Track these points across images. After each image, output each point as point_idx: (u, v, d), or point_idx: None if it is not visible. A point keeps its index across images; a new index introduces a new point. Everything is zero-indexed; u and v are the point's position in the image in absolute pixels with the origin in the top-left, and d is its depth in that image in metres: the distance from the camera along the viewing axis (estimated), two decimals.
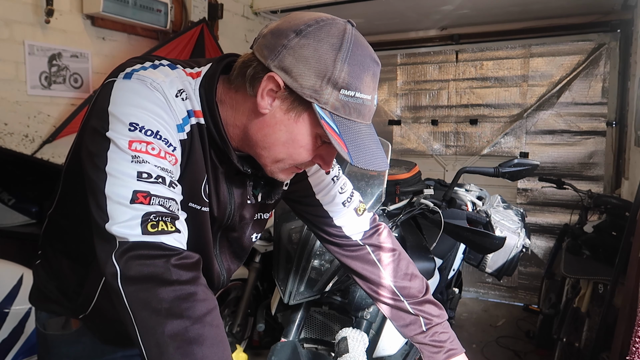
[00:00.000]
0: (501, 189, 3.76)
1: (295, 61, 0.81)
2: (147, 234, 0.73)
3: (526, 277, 4.26)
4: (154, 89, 0.81)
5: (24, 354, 1.94)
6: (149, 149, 0.77)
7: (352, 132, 0.84)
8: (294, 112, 0.84)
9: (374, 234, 1.25)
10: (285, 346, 1.41)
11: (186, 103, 0.85)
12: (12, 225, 2.84)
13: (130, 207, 0.74)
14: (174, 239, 0.76)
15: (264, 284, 3.06)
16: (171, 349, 0.70)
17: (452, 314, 2.41)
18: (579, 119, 4.03)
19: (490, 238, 1.66)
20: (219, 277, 1.08)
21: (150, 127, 0.79)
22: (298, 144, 0.87)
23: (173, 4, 3.13)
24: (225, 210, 0.99)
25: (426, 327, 1.19)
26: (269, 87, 0.83)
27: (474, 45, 4.38)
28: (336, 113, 0.83)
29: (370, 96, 0.86)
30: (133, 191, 0.74)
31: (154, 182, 0.76)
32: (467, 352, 1.21)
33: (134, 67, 0.84)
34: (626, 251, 1.88)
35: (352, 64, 0.82)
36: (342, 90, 0.82)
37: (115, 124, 0.77)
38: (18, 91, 2.44)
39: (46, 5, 2.45)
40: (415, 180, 2.17)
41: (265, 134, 0.87)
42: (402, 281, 1.21)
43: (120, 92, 0.80)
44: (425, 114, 4.63)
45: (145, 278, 0.72)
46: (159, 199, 0.76)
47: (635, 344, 1.32)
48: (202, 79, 0.89)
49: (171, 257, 0.73)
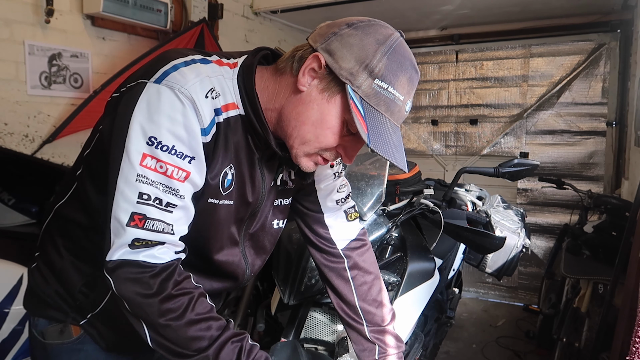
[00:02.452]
0: (501, 189, 3.76)
1: (341, 46, 0.88)
2: (132, 248, 0.83)
3: (526, 277, 4.26)
4: (182, 95, 0.84)
5: (23, 354, 1.94)
6: (157, 166, 0.84)
7: (377, 121, 0.89)
8: (329, 92, 0.90)
9: (357, 248, 1.26)
10: (285, 346, 1.41)
11: (215, 102, 0.88)
12: (12, 225, 2.83)
13: (125, 230, 0.83)
14: (152, 253, 0.85)
15: (264, 284, 3.05)
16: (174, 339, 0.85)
17: (452, 314, 2.41)
18: (579, 119, 4.03)
19: (490, 238, 1.66)
20: (243, 272, 1.11)
21: (167, 143, 0.84)
22: (326, 124, 0.91)
23: (173, 4, 3.13)
24: (259, 195, 1.03)
25: (379, 356, 1.22)
26: (311, 65, 0.89)
27: (474, 45, 4.39)
28: (366, 100, 0.88)
29: (404, 98, 0.91)
30: (131, 213, 0.83)
31: (151, 204, 0.84)
32: (467, 352, 1.22)
33: (167, 66, 0.87)
34: (626, 251, 1.88)
35: (391, 60, 0.88)
36: (377, 80, 0.87)
37: (136, 134, 0.83)
38: (18, 91, 2.44)
39: (46, 5, 2.45)
40: (415, 180, 2.17)
41: (298, 112, 0.92)
42: (369, 306, 1.23)
43: (148, 100, 0.84)
44: (425, 114, 4.63)
45: (133, 294, 0.84)
46: (152, 222, 0.84)
47: (635, 344, 1.31)
48: (240, 69, 0.94)
49: (148, 273, 0.84)
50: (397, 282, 1.64)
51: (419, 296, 1.73)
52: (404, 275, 1.68)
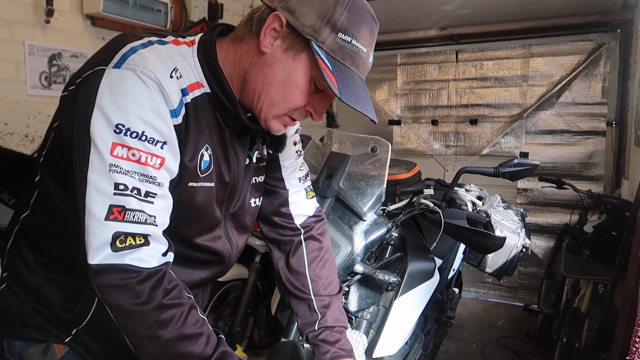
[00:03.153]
0: (501, 189, 3.76)
1: (300, 2, 0.87)
2: (115, 251, 0.77)
3: (526, 277, 4.26)
4: (146, 76, 0.80)
5: None
6: (129, 155, 0.78)
7: (345, 75, 0.88)
8: (293, 50, 0.88)
9: (315, 222, 1.28)
10: (285, 346, 1.40)
11: (180, 82, 0.85)
12: None
13: (104, 225, 0.77)
14: (139, 256, 0.79)
15: (264, 284, 3.06)
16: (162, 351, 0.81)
17: (452, 314, 2.41)
18: (579, 119, 4.03)
19: (490, 238, 1.66)
20: (229, 252, 1.08)
21: (136, 129, 0.79)
22: (293, 83, 0.89)
23: (173, 4, 3.13)
24: (235, 174, 1.02)
25: (318, 327, 1.21)
26: (272, 25, 0.87)
27: (474, 45, 4.38)
28: (332, 54, 0.87)
29: (366, 49, 0.90)
30: (109, 206, 0.77)
31: (128, 195, 0.78)
32: (467, 352, 1.22)
33: (124, 50, 0.82)
34: (626, 251, 1.88)
35: (351, 12, 0.87)
36: (340, 34, 0.86)
37: (101, 122, 0.78)
38: (18, 91, 2.44)
39: (46, 5, 2.45)
40: (415, 180, 2.17)
41: (264, 74, 0.90)
42: (318, 277, 1.24)
43: (109, 86, 0.79)
44: (425, 114, 4.63)
45: (118, 302, 0.78)
46: (133, 213, 0.79)
47: (635, 344, 1.32)
48: (199, 45, 0.91)
49: (135, 278, 0.78)
50: (397, 282, 1.64)
51: (419, 296, 1.73)
52: (404, 275, 1.68)
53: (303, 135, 3.45)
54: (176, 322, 0.81)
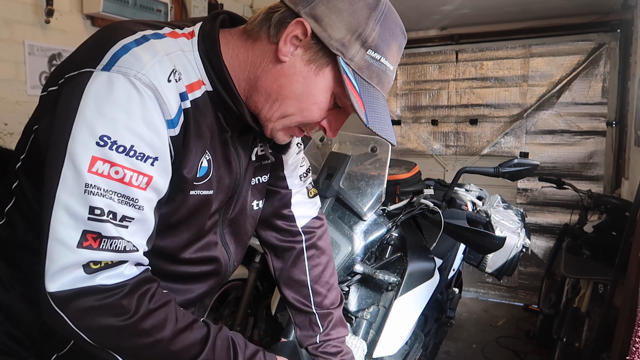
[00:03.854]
0: (501, 189, 3.76)
1: (328, 11, 0.77)
2: (89, 273, 0.69)
3: (526, 277, 4.26)
4: (140, 81, 0.70)
5: None
6: (112, 172, 0.69)
7: (372, 97, 0.81)
8: (316, 64, 0.80)
9: (317, 227, 1.21)
10: (285, 346, 1.40)
11: (179, 85, 0.75)
12: None
13: (75, 252, 0.67)
14: (115, 273, 0.71)
15: (264, 284, 3.05)
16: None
17: (452, 314, 2.41)
18: (579, 119, 4.03)
19: (490, 238, 1.66)
20: (226, 261, 0.99)
21: (124, 143, 0.69)
22: (312, 99, 0.81)
23: (173, 4, 3.13)
24: (237, 177, 0.93)
25: (320, 340, 1.18)
26: (294, 33, 0.78)
27: (474, 45, 4.38)
28: (359, 73, 0.79)
29: (393, 67, 0.83)
30: (82, 231, 0.68)
31: (105, 220, 0.69)
32: (467, 352, 1.22)
33: (115, 48, 0.71)
34: (626, 251, 1.88)
35: (384, 27, 0.79)
36: (369, 51, 0.79)
37: (82, 132, 0.68)
38: (18, 91, 2.44)
39: (46, 5, 2.45)
40: (415, 180, 2.17)
41: (280, 85, 0.81)
42: (321, 288, 1.18)
43: (97, 92, 0.69)
44: (425, 114, 4.63)
45: (104, 323, 0.70)
46: (111, 240, 0.70)
47: (635, 344, 1.32)
48: (199, 38, 0.81)
49: (119, 294, 0.71)
50: (397, 282, 1.64)
51: (419, 296, 1.73)
52: (404, 275, 1.68)
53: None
54: (170, 320, 0.76)
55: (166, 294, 0.79)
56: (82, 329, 0.69)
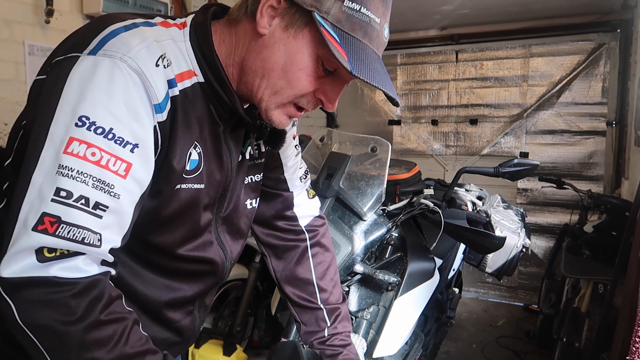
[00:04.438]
0: (501, 189, 3.76)
1: None
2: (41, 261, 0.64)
3: (526, 277, 4.26)
4: (126, 64, 0.69)
5: None
6: (87, 153, 0.66)
7: (357, 48, 0.76)
8: (294, 27, 0.77)
9: (320, 225, 1.21)
10: (285, 346, 1.40)
11: (167, 71, 0.74)
12: None
13: (29, 235, 0.63)
14: (69, 265, 0.66)
15: (264, 284, 3.05)
16: None
17: (452, 314, 2.41)
18: (579, 119, 4.03)
19: (490, 238, 1.66)
20: (222, 260, 0.97)
21: (103, 124, 0.67)
22: (297, 65, 0.78)
23: (173, 4, 3.13)
24: (228, 172, 0.91)
25: (328, 334, 1.17)
26: (269, 2, 0.77)
27: (474, 45, 4.38)
28: (338, 26, 0.75)
29: (379, 19, 0.78)
30: (41, 214, 0.64)
31: (70, 204, 0.65)
32: (467, 352, 1.22)
33: (103, 33, 0.71)
34: (626, 251, 1.88)
35: None
36: (346, 1, 0.75)
37: (63, 113, 0.66)
38: (18, 91, 2.44)
39: (46, 5, 2.45)
40: (415, 180, 2.17)
41: (263, 58, 0.79)
42: (326, 285, 1.18)
43: (81, 74, 0.68)
44: (425, 114, 4.63)
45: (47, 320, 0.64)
46: (69, 228, 0.65)
47: (635, 344, 1.32)
48: (191, 28, 0.80)
49: (68, 292, 0.65)
50: (397, 282, 1.64)
51: (419, 296, 1.73)
52: (404, 275, 1.68)
53: (303, 136, 3.45)
54: (117, 340, 0.68)
55: (127, 311, 0.72)
56: (26, 323, 0.64)
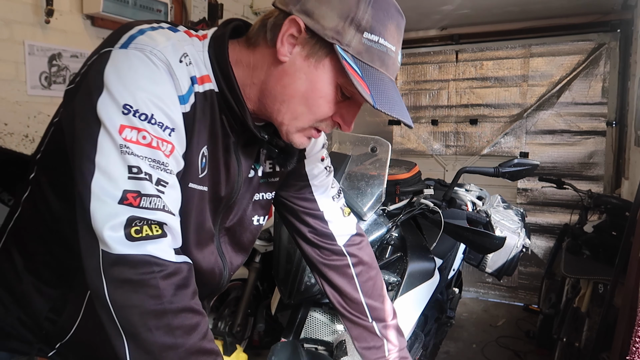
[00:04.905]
0: (501, 189, 3.76)
1: (318, 3, 0.79)
2: (131, 240, 0.68)
3: (526, 277, 4.26)
4: (155, 57, 0.74)
5: None
6: (139, 137, 0.71)
7: (376, 79, 0.80)
8: (315, 57, 0.80)
9: (359, 243, 1.21)
10: (285, 346, 1.40)
11: (190, 69, 0.79)
12: None
13: (117, 209, 0.68)
14: (160, 247, 0.71)
15: (264, 284, 3.06)
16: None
17: (452, 314, 2.41)
18: (579, 119, 4.03)
19: (490, 238, 1.66)
20: (220, 269, 0.98)
21: (145, 111, 0.72)
22: (318, 93, 0.81)
23: (173, 4, 3.13)
24: (234, 185, 0.92)
25: (388, 353, 1.18)
26: (289, 31, 0.80)
27: (474, 45, 4.38)
28: (359, 57, 0.79)
29: (395, 47, 0.82)
30: (123, 191, 0.69)
31: (143, 178, 0.70)
32: (467, 352, 1.22)
33: (131, 32, 0.77)
34: (626, 251, 1.88)
35: (376, 8, 0.79)
36: (366, 34, 0.78)
37: (108, 104, 0.71)
38: (18, 91, 2.44)
39: (46, 6, 2.45)
40: (415, 180, 2.17)
41: (284, 85, 0.82)
42: (375, 302, 1.18)
43: (116, 66, 0.73)
44: (425, 114, 4.63)
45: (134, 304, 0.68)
46: (149, 199, 0.70)
47: (635, 344, 1.31)
48: (210, 40, 0.84)
49: (159, 273, 0.69)
50: (397, 282, 1.64)
51: (419, 296, 1.73)
52: (404, 275, 1.68)
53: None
54: (200, 330, 0.72)
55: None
56: (114, 302, 0.68)
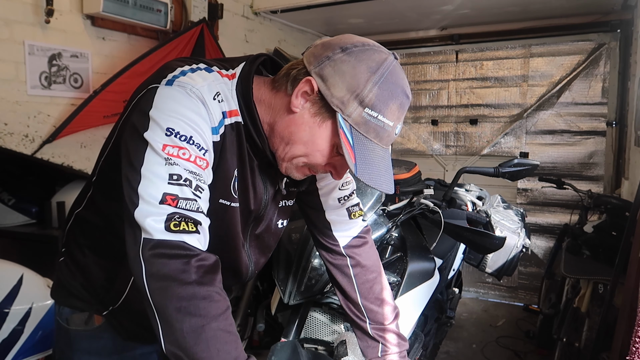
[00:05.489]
0: (501, 189, 3.76)
1: (333, 72, 0.90)
2: (169, 231, 0.79)
3: (526, 277, 4.26)
4: (194, 95, 0.88)
5: (24, 354, 1.94)
6: (180, 153, 0.84)
7: (366, 149, 0.91)
8: (320, 117, 0.92)
9: (359, 245, 1.27)
10: (285, 346, 1.40)
11: (222, 105, 0.92)
12: (12, 225, 2.83)
13: (158, 207, 0.80)
14: (195, 239, 0.81)
15: (264, 284, 3.05)
16: (189, 344, 0.77)
17: (452, 314, 2.41)
18: (579, 119, 4.03)
19: (490, 238, 1.66)
20: (247, 269, 1.13)
21: (185, 133, 0.85)
22: (316, 147, 0.94)
23: (173, 4, 3.12)
24: (262, 201, 1.07)
25: (381, 354, 1.25)
26: (304, 88, 0.91)
27: (474, 45, 4.39)
28: (356, 128, 0.90)
29: (393, 123, 0.93)
30: (163, 193, 0.81)
31: (182, 184, 0.83)
32: (467, 352, 1.23)
33: (175, 72, 0.91)
34: (626, 251, 1.88)
35: (382, 89, 0.90)
36: (367, 109, 0.89)
37: (154, 127, 0.84)
38: (18, 91, 2.44)
39: (46, 5, 2.45)
40: (415, 180, 2.17)
41: (291, 131, 0.95)
42: (371, 304, 1.25)
43: (162, 99, 0.87)
44: (425, 114, 4.63)
45: (167, 277, 0.78)
46: (185, 202, 0.82)
47: (635, 344, 1.32)
48: (238, 80, 0.96)
49: (191, 257, 0.79)
50: (397, 282, 1.64)
51: (419, 296, 1.73)
52: (404, 275, 1.68)
53: None
54: (226, 314, 0.81)
55: None
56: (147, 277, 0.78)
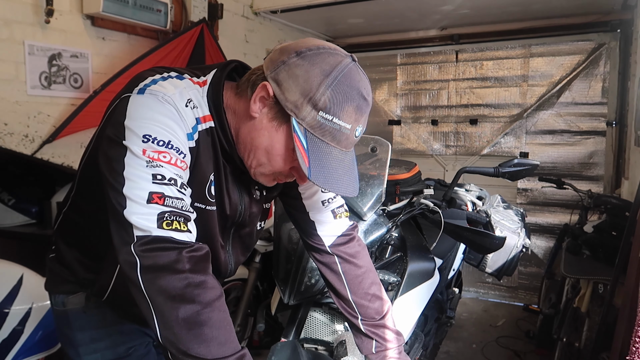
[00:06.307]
0: (501, 189, 3.76)
1: (287, 76, 0.90)
2: (162, 228, 0.82)
3: (526, 277, 4.26)
4: (166, 102, 0.89)
5: (24, 354, 1.94)
6: (161, 157, 0.85)
7: (322, 152, 0.91)
8: (277, 121, 0.93)
9: (345, 243, 1.26)
10: (285, 346, 1.40)
11: (195, 111, 0.93)
12: (12, 225, 2.83)
13: (147, 207, 0.82)
14: (185, 236, 0.84)
15: (264, 284, 3.06)
16: (184, 330, 0.80)
17: (452, 314, 2.41)
18: (579, 119, 4.03)
19: (490, 238, 1.66)
20: (226, 268, 1.16)
21: (162, 138, 0.86)
22: (276, 151, 0.95)
23: (173, 4, 3.12)
24: (237, 209, 1.08)
25: (376, 350, 1.24)
26: (261, 94, 0.92)
27: (474, 45, 4.38)
28: (311, 131, 0.90)
29: (351, 126, 0.92)
30: (149, 192, 0.82)
31: (167, 184, 0.84)
32: (467, 352, 1.23)
33: (146, 81, 0.92)
34: (626, 251, 1.88)
35: (336, 92, 0.89)
36: (321, 112, 0.89)
37: (130, 136, 0.85)
38: (18, 91, 2.44)
39: (46, 5, 2.45)
40: (415, 180, 2.17)
41: (252, 137, 0.96)
42: (362, 300, 1.24)
43: (134, 107, 0.88)
44: (425, 114, 4.63)
45: (161, 267, 0.80)
46: (172, 200, 0.84)
47: (635, 344, 1.32)
48: (209, 87, 0.97)
49: (183, 249, 0.82)
50: (397, 282, 1.64)
51: (419, 296, 1.73)
52: (404, 275, 1.68)
53: None
54: (219, 299, 0.84)
55: None
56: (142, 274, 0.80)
